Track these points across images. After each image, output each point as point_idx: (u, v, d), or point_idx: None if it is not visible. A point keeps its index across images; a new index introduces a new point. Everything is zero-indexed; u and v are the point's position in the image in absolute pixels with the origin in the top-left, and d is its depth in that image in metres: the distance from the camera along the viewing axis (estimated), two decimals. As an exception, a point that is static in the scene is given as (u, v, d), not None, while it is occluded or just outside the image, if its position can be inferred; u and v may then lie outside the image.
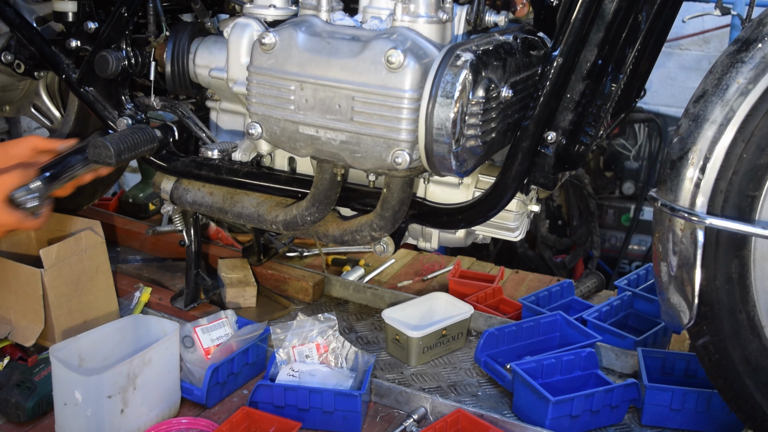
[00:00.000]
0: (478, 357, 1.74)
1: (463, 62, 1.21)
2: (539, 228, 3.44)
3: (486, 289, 2.07)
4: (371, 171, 1.38)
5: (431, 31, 1.29)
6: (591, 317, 1.89)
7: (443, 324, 1.80)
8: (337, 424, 1.55)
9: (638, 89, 1.71)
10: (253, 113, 1.36)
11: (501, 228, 1.56)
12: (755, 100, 1.20)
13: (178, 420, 1.52)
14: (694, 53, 3.63)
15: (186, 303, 1.94)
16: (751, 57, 1.20)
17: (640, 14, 1.40)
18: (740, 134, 1.21)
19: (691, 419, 1.58)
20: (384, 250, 1.55)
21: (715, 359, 1.32)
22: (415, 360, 1.78)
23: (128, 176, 3.35)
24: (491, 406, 1.66)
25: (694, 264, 1.24)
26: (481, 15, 1.38)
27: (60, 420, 1.45)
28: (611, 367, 1.81)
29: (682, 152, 1.23)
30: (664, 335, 1.87)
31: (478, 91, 1.25)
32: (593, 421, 1.57)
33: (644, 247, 3.55)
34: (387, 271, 2.37)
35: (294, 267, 2.17)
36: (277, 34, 1.30)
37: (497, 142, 1.37)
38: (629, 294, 2.00)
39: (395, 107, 1.24)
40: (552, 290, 2.04)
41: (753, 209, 1.25)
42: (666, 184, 1.26)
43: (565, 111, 1.42)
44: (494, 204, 1.45)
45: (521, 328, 1.79)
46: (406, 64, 1.22)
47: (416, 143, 1.26)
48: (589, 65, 1.40)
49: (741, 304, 1.28)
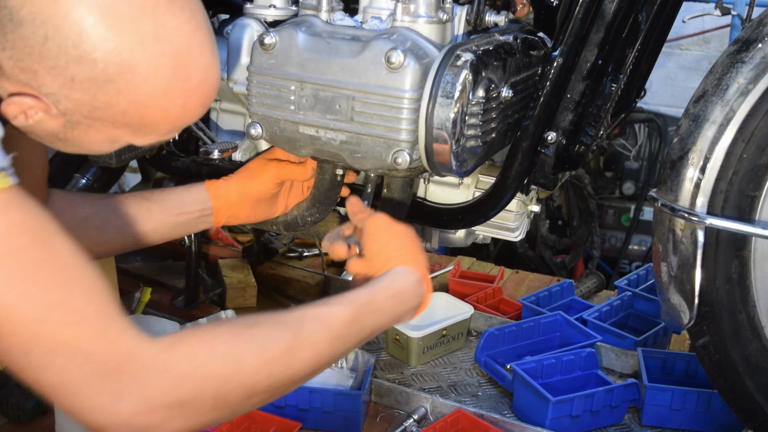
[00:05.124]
0: (478, 357, 1.74)
1: (463, 62, 1.21)
2: (539, 228, 3.43)
3: (486, 289, 2.07)
4: (371, 171, 1.38)
5: (431, 31, 1.29)
6: (591, 317, 1.89)
7: (443, 324, 1.80)
8: (337, 424, 1.55)
9: (638, 89, 1.71)
10: (253, 113, 1.36)
11: (501, 228, 1.56)
12: (755, 100, 1.20)
13: (178, 420, 1.52)
14: (694, 53, 3.63)
15: (186, 303, 1.94)
16: (751, 57, 1.20)
17: (640, 14, 1.40)
18: (740, 134, 1.21)
19: (692, 419, 1.58)
20: (384, 250, 1.55)
21: (715, 359, 1.32)
22: (415, 360, 1.78)
23: (128, 176, 3.35)
24: (491, 406, 1.66)
25: (694, 264, 1.24)
26: (481, 15, 1.37)
27: (60, 420, 1.45)
28: (611, 367, 1.81)
29: (682, 152, 1.23)
30: (664, 335, 1.87)
31: (478, 91, 1.25)
32: (593, 421, 1.57)
33: (644, 247, 3.54)
34: (387, 271, 2.36)
35: (294, 267, 2.17)
36: (277, 34, 1.30)
37: (497, 142, 1.37)
38: (629, 294, 2.00)
39: (395, 107, 1.23)
40: (552, 290, 2.04)
41: (753, 209, 1.25)
42: (666, 185, 1.26)
43: (565, 111, 1.42)
44: (494, 204, 1.45)
45: (521, 328, 1.79)
46: (406, 64, 1.22)
47: (416, 143, 1.26)
48: (589, 65, 1.40)
49: (741, 304, 1.28)
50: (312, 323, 0.97)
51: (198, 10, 0.89)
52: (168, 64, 0.85)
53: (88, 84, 0.83)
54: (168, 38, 0.84)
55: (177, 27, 0.85)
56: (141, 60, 0.83)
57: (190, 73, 0.87)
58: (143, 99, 0.85)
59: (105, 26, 0.81)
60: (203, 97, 0.90)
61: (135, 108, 0.86)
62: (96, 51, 0.81)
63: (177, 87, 0.86)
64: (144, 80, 0.84)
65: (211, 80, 0.90)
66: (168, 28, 0.84)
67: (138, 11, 0.82)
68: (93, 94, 0.84)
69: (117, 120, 0.87)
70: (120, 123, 0.87)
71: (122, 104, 0.85)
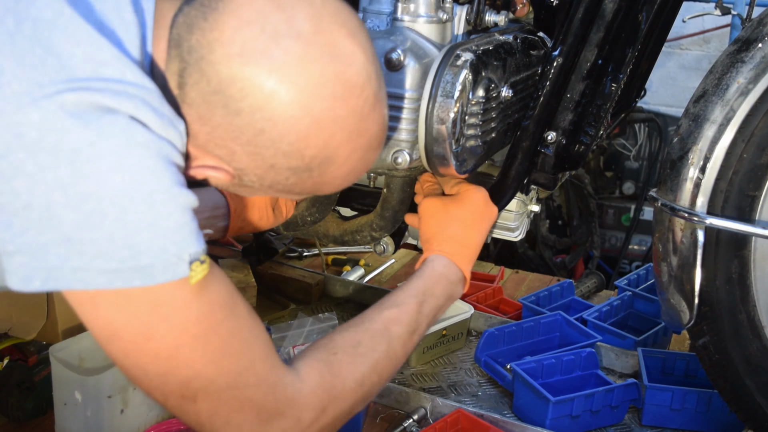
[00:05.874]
0: (478, 357, 1.74)
1: (463, 62, 1.21)
2: (539, 228, 3.43)
3: (486, 289, 2.06)
4: (371, 171, 1.38)
5: (431, 30, 1.29)
6: (591, 317, 1.89)
7: (443, 324, 1.80)
8: (337, 424, 1.55)
9: (638, 89, 1.71)
10: (253, 113, 1.35)
11: (501, 228, 1.56)
12: (755, 99, 1.20)
13: (177, 420, 1.52)
14: (694, 53, 3.63)
15: (186, 303, 1.94)
16: (752, 57, 1.20)
17: (641, 14, 1.39)
18: (740, 134, 1.21)
19: (692, 419, 1.58)
20: (384, 250, 1.55)
21: (716, 359, 1.32)
22: (415, 360, 1.78)
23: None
24: (491, 406, 1.66)
25: (694, 264, 1.24)
26: (481, 15, 1.37)
27: (60, 420, 1.45)
28: (611, 367, 1.81)
29: (682, 152, 1.23)
30: (664, 335, 1.87)
31: (478, 91, 1.25)
32: (593, 421, 1.57)
33: (644, 247, 3.54)
34: (387, 271, 2.37)
35: (294, 267, 2.17)
36: (277, 34, 1.30)
37: (497, 142, 1.37)
38: (629, 294, 1.99)
39: (395, 107, 1.23)
40: (552, 290, 2.04)
41: (753, 209, 1.25)
42: (666, 184, 1.25)
43: (565, 111, 1.42)
44: (494, 204, 1.44)
45: (521, 328, 1.79)
46: (406, 64, 1.22)
47: (416, 143, 1.26)
48: (589, 65, 1.40)
49: (741, 304, 1.28)
50: (395, 326, 1.08)
51: (382, 98, 0.94)
52: (360, 156, 0.92)
53: (286, 171, 0.90)
54: (366, 132, 0.91)
55: (373, 122, 0.91)
56: (341, 153, 0.90)
57: (371, 157, 0.95)
58: (327, 179, 0.93)
59: (320, 129, 0.86)
60: (368, 165, 0.97)
61: (316, 186, 0.94)
62: (308, 149, 0.87)
63: (360, 169, 0.95)
64: (336, 168, 0.91)
65: (378, 149, 0.96)
66: (367, 123, 0.90)
67: (351, 112, 0.88)
68: (286, 177, 0.91)
69: (290, 192, 0.95)
70: (291, 194, 0.96)
71: (308, 184, 0.93)
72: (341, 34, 0.87)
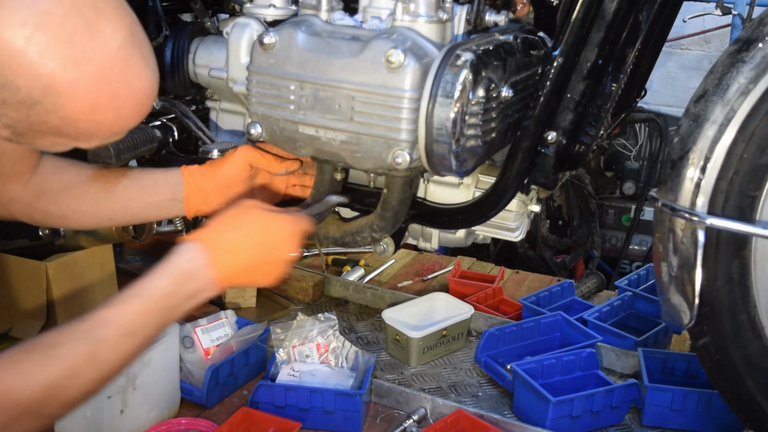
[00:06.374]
0: (479, 357, 1.73)
1: (463, 62, 1.21)
2: (539, 228, 3.43)
3: (486, 290, 2.06)
4: (371, 171, 1.37)
5: (431, 30, 1.29)
6: (591, 317, 1.89)
7: (443, 324, 1.80)
8: (337, 424, 1.55)
9: (639, 89, 1.71)
10: (252, 113, 1.35)
11: (501, 228, 1.56)
12: (756, 99, 1.20)
13: (177, 420, 1.52)
14: (694, 53, 3.62)
15: (186, 303, 1.93)
16: (752, 57, 1.20)
17: (641, 14, 1.39)
18: (741, 134, 1.20)
19: (692, 420, 1.58)
20: (384, 251, 1.55)
21: (716, 360, 1.32)
22: (415, 360, 1.78)
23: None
24: (491, 406, 1.66)
25: (694, 264, 1.24)
26: (481, 15, 1.37)
27: (60, 420, 1.45)
28: (612, 367, 1.81)
29: (683, 152, 1.23)
30: (664, 335, 1.86)
31: (478, 91, 1.24)
32: (594, 421, 1.57)
33: (645, 247, 3.54)
34: (387, 271, 2.36)
35: (294, 267, 2.17)
36: (276, 34, 1.30)
37: (497, 142, 1.36)
38: (630, 294, 1.99)
39: (395, 107, 1.23)
40: (552, 290, 2.04)
41: (754, 209, 1.24)
42: (666, 184, 1.25)
43: (566, 111, 1.42)
44: (494, 204, 1.44)
45: (522, 329, 1.79)
46: (406, 64, 1.22)
47: (416, 143, 1.26)
48: (589, 65, 1.40)
49: (742, 304, 1.28)
50: (106, 327, 1.05)
51: (121, 27, 0.95)
52: (90, 84, 0.91)
53: (19, 105, 0.91)
54: (87, 61, 0.91)
55: (96, 48, 0.91)
56: (62, 84, 0.90)
57: (116, 89, 0.94)
58: (72, 115, 0.93)
59: (24, 55, 0.87)
60: (135, 107, 0.98)
61: (67, 123, 0.94)
62: (18, 78, 0.88)
63: (103, 103, 0.94)
64: (68, 100, 0.91)
65: (141, 91, 0.97)
66: (87, 50, 0.90)
67: (54, 39, 0.88)
68: (26, 114, 0.92)
69: (55, 132, 0.95)
70: (58, 134, 0.96)
71: (54, 120, 0.93)
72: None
